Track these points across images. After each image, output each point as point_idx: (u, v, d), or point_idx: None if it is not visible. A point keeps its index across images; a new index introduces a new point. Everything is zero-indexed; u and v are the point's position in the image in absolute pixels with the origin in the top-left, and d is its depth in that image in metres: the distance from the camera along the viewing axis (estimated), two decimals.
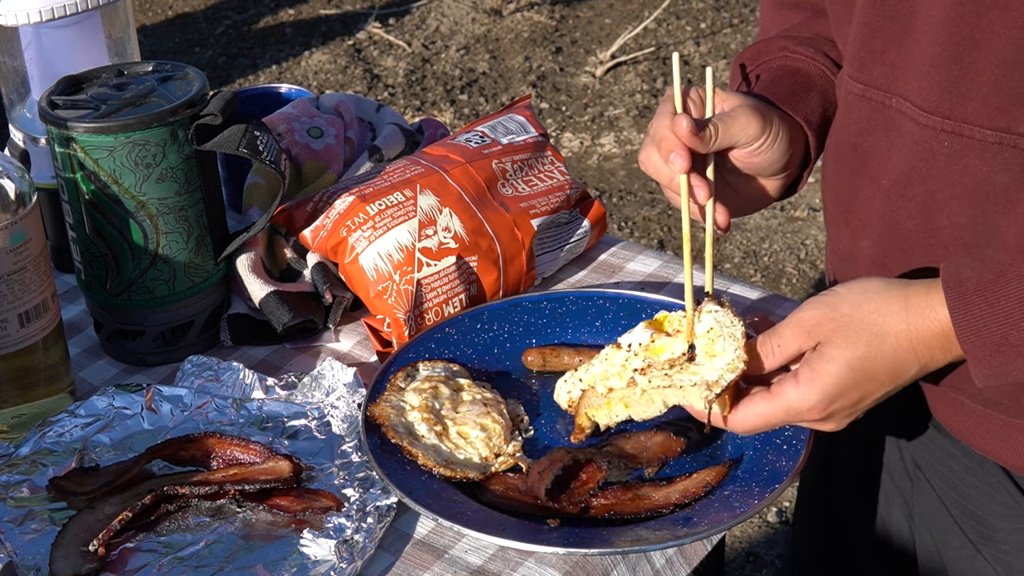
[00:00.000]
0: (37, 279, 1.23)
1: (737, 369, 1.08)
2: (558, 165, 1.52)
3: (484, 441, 1.19)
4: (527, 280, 1.44)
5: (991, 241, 1.11)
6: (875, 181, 1.19)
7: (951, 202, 1.13)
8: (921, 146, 1.14)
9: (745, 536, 2.80)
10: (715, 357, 1.11)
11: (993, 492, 1.24)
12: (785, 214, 3.88)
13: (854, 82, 1.20)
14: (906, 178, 1.16)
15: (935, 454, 1.30)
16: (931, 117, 1.12)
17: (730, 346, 1.10)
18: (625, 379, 1.14)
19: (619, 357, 1.16)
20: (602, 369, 1.16)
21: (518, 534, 1.08)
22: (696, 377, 1.10)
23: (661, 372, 1.12)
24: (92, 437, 1.23)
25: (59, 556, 1.09)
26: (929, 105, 1.12)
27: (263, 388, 1.28)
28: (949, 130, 1.11)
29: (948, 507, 1.30)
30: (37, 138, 1.46)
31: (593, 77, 4.69)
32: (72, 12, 1.37)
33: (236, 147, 1.28)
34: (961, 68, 1.09)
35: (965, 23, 1.07)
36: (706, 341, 1.12)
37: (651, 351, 1.15)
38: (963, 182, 1.12)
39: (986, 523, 1.26)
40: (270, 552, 1.10)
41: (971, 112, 1.09)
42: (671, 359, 1.13)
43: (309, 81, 4.70)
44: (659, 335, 1.16)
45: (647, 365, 1.13)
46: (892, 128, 1.17)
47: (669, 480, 1.16)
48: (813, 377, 1.06)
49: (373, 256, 1.35)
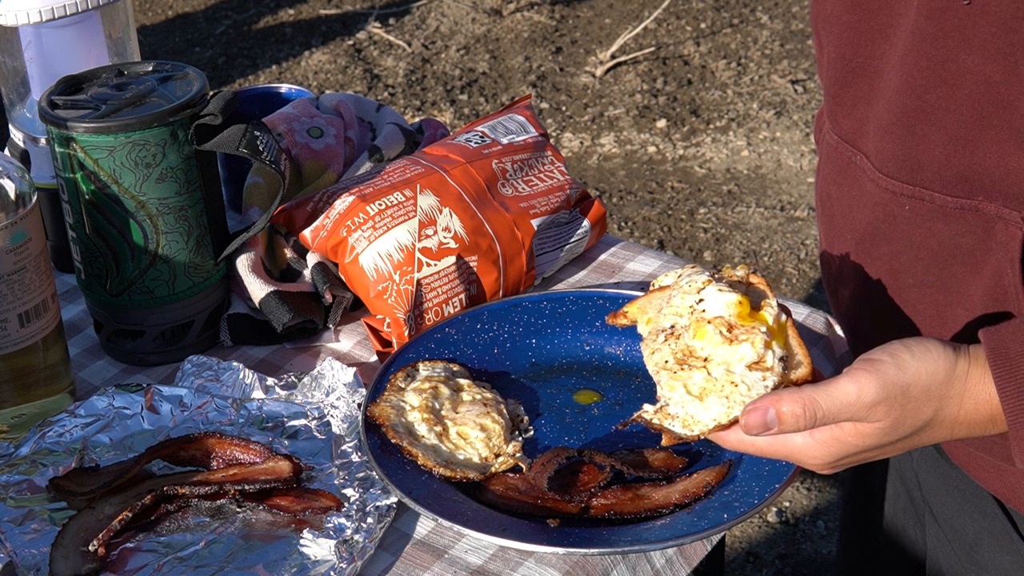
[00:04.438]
0: (37, 279, 1.23)
1: (721, 426, 1.00)
2: (558, 165, 1.52)
3: (484, 441, 1.19)
4: (527, 280, 1.44)
5: (960, 300, 1.08)
6: (842, 236, 1.17)
7: (916, 263, 1.10)
8: (882, 208, 1.11)
9: (745, 536, 2.80)
10: (717, 397, 1.00)
11: (984, 520, 1.23)
12: (785, 214, 3.88)
13: (830, 132, 1.19)
14: (871, 238, 1.13)
15: (937, 478, 1.29)
16: (890, 181, 1.09)
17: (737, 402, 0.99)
18: (691, 330, 1.02)
19: (690, 299, 1.04)
20: (681, 304, 1.05)
21: (518, 534, 1.08)
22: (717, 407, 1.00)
23: (722, 365, 1.00)
24: (92, 437, 1.23)
25: (59, 556, 1.09)
26: (887, 169, 1.09)
27: (263, 388, 1.29)
28: (908, 194, 1.08)
29: (944, 531, 1.29)
30: (37, 138, 1.46)
31: (593, 77, 4.69)
32: (72, 12, 1.37)
33: (236, 147, 1.28)
34: (914, 138, 1.06)
35: (916, 95, 1.04)
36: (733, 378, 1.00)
37: (739, 330, 1.01)
38: (927, 244, 1.08)
39: (978, 551, 1.25)
40: (270, 552, 1.10)
41: (927, 180, 1.06)
42: (754, 360, 1.00)
43: (309, 81, 4.70)
44: (743, 318, 1.02)
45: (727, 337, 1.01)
46: (856, 185, 1.14)
47: (669, 480, 1.16)
48: (832, 443, 0.98)
49: (373, 256, 1.35)
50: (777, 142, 4.25)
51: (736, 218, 3.88)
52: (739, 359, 1.00)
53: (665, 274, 1.10)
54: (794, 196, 3.96)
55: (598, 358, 1.33)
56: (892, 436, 0.97)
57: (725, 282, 1.05)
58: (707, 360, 1.01)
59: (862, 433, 0.97)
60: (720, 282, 1.04)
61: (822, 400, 0.95)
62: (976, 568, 1.25)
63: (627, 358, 1.33)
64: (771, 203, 3.93)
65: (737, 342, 1.00)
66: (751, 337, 1.00)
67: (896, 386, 0.95)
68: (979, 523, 1.23)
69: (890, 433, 0.97)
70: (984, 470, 1.18)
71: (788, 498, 2.88)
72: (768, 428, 0.96)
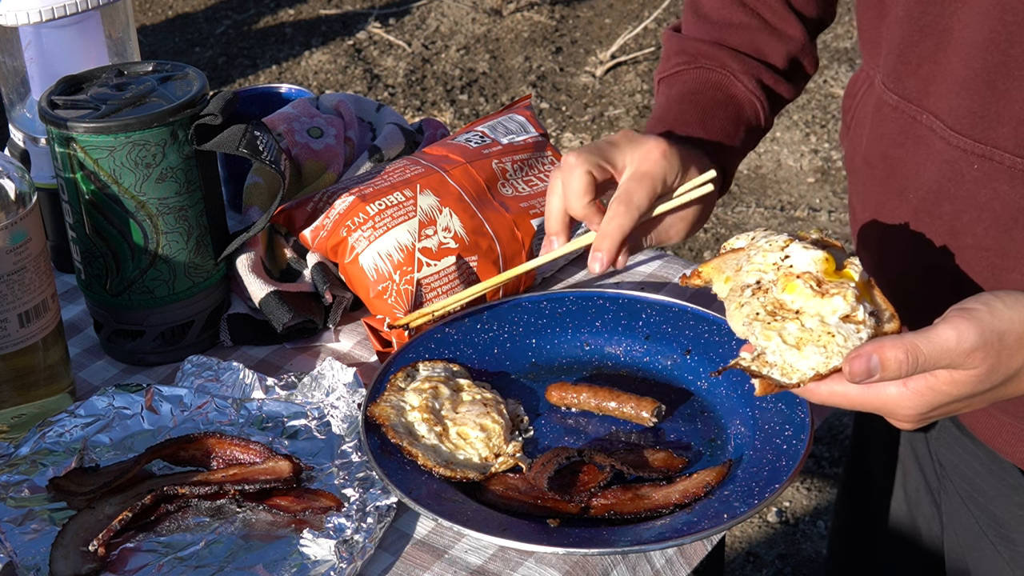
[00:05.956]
0: (37, 279, 1.23)
1: (819, 375, 1.00)
2: (558, 165, 1.52)
3: (484, 441, 1.19)
4: (527, 280, 1.44)
5: (1017, 265, 1.10)
6: (903, 194, 1.18)
7: (978, 224, 1.11)
8: (950, 166, 1.12)
9: (745, 536, 2.80)
10: (810, 349, 1.01)
11: (1013, 494, 1.24)
12: (785, 214, 3.88)
13: (889, 92, 1.18)
14: (934, 196, 1.14)
15: (959, 454, 1.29)
16: (961, 139, 1.10)
17: (835, 353, 1.00)
18: (780, 284, 1.04)
19: (773, 256, 1.06)
20: (763, 261, 1.06)
21: (518, 534, 1.08)
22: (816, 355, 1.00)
23: (816, 317, 1.01)
24: (92, 437, 1.23)
25: (59, 556, 1.09)
26: (959, 126, 1.10)
27: (263, 388, 1.29)
28: (979, 153, 1.09)
29: (969, 507, 1.29)
30: (37, 138, 1.46)
31: (593, 77, 4.69)
32: (72, 12, 1.37)
33: (236, 147, 1.28)
34: (993, 93, 1.06)
35: (999, 49, 1.05)
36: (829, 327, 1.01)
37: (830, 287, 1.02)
38: (991, 205, 1.10)
39: (1005, 524, 1.25)
40: (270, 552, 1.10)
41: (1002, 138, 1.07)
42: (846, 313, 1.01)
43: (309, 81, 4.70)
44: (829, 275, 1.04)
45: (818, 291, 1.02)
46: (922, 143, 1.15)
47: (669, 480, 1.16)
48: (926, 393, 0.98)
49: (373, 256, 1.35)
50: (777, 142, 4.25)
51: (736, 218, 3.88)
52: (832, 311, 1.01)
53: (736, 237, 1.11)
54: (794, 196, 3.96)
55: (598, 358, 1.33)
56: (985, 384, 0.98)
57: (808, 241, 1.06)
58: (799, 312, 1.02)
59: (957, 381, 0.97)
60: (802, 241, 1.06)
61: (923, 346, 0.95)
62: (1005, 543, 1.25)
63: (627, 358, 1.33)
64: (771, 203, 3.93)
65: (828, 295, 1.02)
66: (842, 291, 1.02)
67: (992, 332, 0.96)
68: (1008, 497, 1.24)
69: (984, 381, 0.97)
70: (1011, 442, 1.18)
71: (788, 498, 2.88)
72: (871, 375, 0.96)
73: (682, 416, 1.25)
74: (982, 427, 1.21)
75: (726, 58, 1.33)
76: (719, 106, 1.30)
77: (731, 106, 1.30)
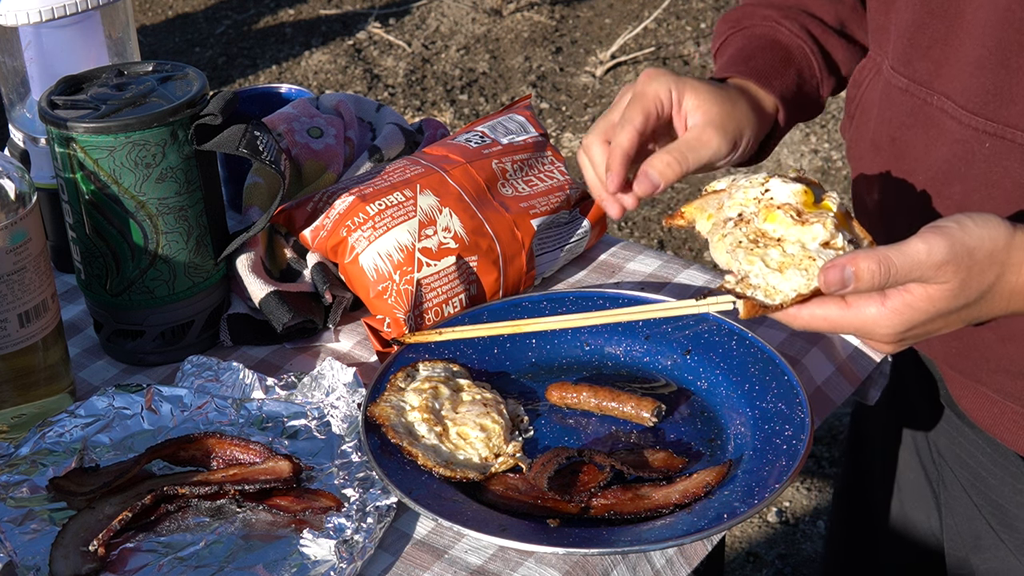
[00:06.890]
0: (37, 279, 1.23)
1: (800, 296, 1.04)
2: (558, 165, 1.52)
3: (484, 441, 1.19)
4: (527, 280, 1.44)
5: None
6: (912, 176, 1.19)
7: (988, 203, 1.12)
8: (961, 145, 1.13)
9: (745, 536, 2.80)
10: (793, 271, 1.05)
11: (1015, 482, 1.24)
12: None
13: (898, 75, 1.19)
14: (944, 176, 1.15)
15: (959, 444, 1.30)
16: (973, 118, 1.11)
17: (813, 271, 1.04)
18: (762, 216, 1.08)
19: (754, 191, 1.11)
20: (745, 196, 1.11)
21: (518, 534, 1.08)
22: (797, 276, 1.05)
23: (796, 243, 1.06)
24: (92, 437, 1.23)
25: (59, 556, 1.09)
26: (972, 106, 1.11)
27: (263, 388, 1.29)
28: (991, 132, 1.10)
29: (971, 496, 1.30)
30: (37, 138, 1.46)
31: (593, 77, 4.69)
32: (72, 12, 1.37)
33: (236, 147, 1.28)
34: (1007, 72, 1.08)
35: (1014, 28, 1.06)
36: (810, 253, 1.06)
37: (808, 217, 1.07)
38: (1002, 184, 1.11)
39: (1008, 512, 1.26)
40: (270, 552, 1.10)
41: (1015, 115, 1.09)
42: (825, 240, 1.05)
43: (309, 81, 4.70)
44: (808, 206, 1.09)
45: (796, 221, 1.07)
46: (933, 125, 1.16)
47: (669, 480, 1.16)
48: (904, 310, 1.00)
49: (373, 256, 1.35)
50: None
51: None
52: (812, 238, 1.06)
53: (717, 179, 1.16)
54: None
55: (598, 358, 1.33)
56: (960, 300, 0.99)
57: (788, 177, 1.11)
58: (780, 240, 1.07)
59: (932, 297, 0.99)
60: (782, 177, 1.11)
61: (896, 258, 0.98)
62: (1008, 530, 1.26)
63: (627, 358, 1.33)
64: None
65: (808, 224, 1.07)
66: (821, 219, 1.07)
67: (963, 247, 0.98)
68: (1011, 485, 1.24)
69: (958, 296, 0.99)
70: (1013, 430, 1.19)
71: (788, 498, 2.88)
72: (845, 285, 0.98)
73: (682, 416, 1.25)
74: (984, 415, 1.22)
75: (768, 11, 1.34)
76: (762, 49, 1.30)
77: (776, 48, 1.30)
